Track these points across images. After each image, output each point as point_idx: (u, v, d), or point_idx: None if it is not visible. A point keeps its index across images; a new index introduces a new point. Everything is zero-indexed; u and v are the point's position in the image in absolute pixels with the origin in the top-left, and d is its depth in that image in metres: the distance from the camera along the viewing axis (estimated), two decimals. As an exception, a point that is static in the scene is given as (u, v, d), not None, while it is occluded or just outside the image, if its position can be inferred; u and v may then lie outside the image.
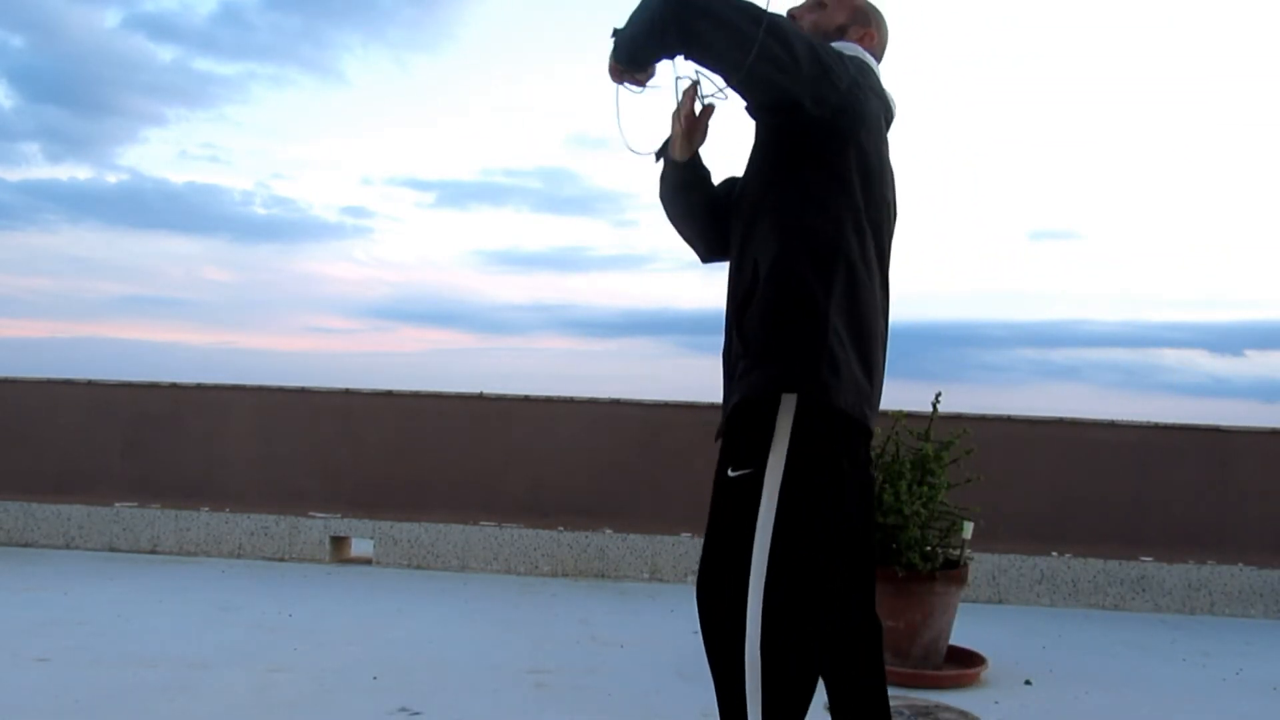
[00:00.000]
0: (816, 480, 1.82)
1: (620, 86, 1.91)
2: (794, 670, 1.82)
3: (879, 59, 2.11)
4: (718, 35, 1.67)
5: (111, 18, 14.55)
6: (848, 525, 1.91)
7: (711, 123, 2.02)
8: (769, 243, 1.85)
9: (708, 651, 1.92)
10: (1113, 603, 5.24)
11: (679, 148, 2.01)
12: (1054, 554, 5.28)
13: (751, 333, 1.84)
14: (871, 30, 2.08)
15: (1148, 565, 5.25)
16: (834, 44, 1.97)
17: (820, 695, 2.03)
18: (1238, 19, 10.59)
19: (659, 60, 1.85)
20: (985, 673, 3.70)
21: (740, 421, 1.85)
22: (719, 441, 1.95)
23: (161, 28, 13.79)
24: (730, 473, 1.85)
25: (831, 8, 2.07)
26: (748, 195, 1.95)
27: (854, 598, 1.98)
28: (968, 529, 3.82)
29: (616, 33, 1.83)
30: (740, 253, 1.92)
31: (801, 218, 1.84)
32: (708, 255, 2.19)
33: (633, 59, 1.83)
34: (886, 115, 2.02)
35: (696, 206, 2.12)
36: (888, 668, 3.60)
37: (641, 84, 1.91)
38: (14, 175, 14.03)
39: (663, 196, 2.12)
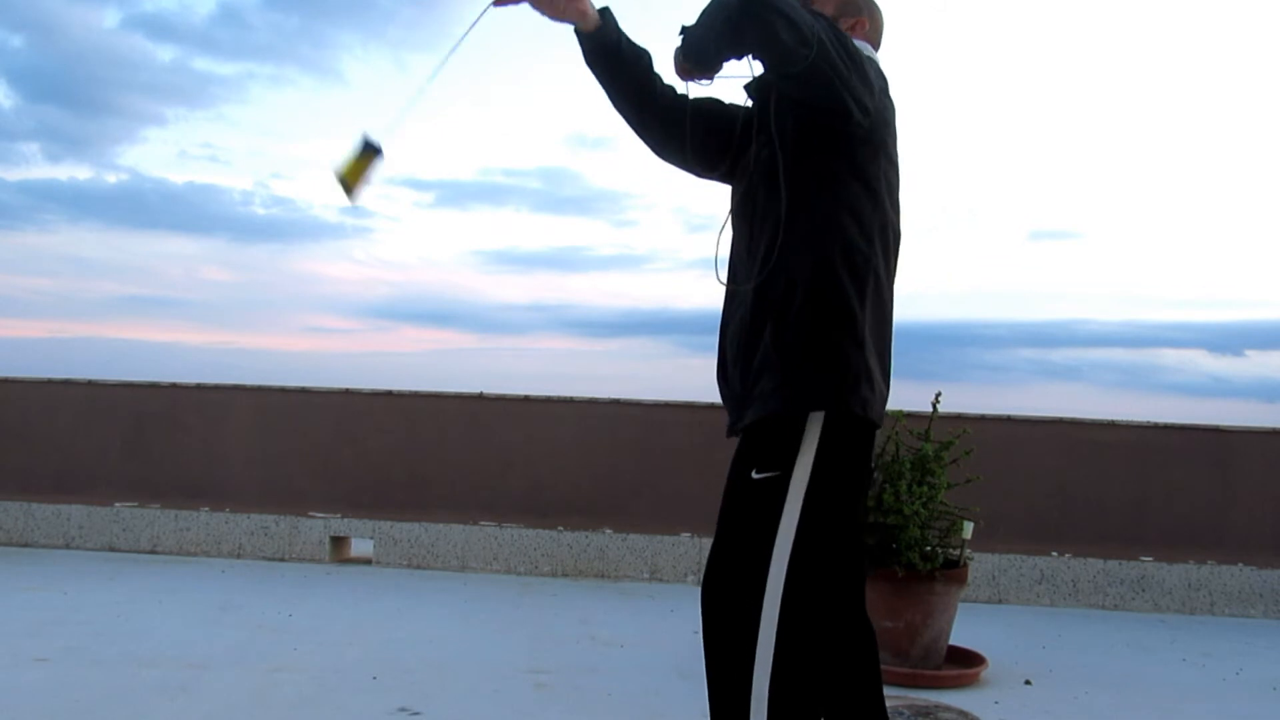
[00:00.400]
0: (841, 486, 1.85)
1: (688, 84, 1.91)
2: (804, 675, 1.82)
3: (877, 46, 2.04)
4: (790, 35, 1.65)
5: (110, 17, 14.56)
6: (857, 528, 1.96)
7: None
8: (803, 254, 1.82)
9: (708, 649, 1.91)
10: (1113, 603, 5.24)
11: (564, 12, 1.87)
12: (1054, 554, 5.28)
13: (790, 344, 1.82)
14: (863, 18, 2.00)
15: (1148, 565, 5.25)
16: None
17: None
18: (1238, 19, 10.59)
19: (729, 59, 1.81)
20: (985, 673, 3.70)
21: (769, 428, 1.84)
22: (730, 437, 1.94)
23: (160, 28, 13.79)
24: (755, 475, 1.84)
25: (821, 1, 1.99)
26: (768, 201, 1.88)
27: (857, 598, 1.99)
28: (968, 529, 3.82)
29: (685, 30, 1.80)
30: (764, 259, 1.87)
31: (839, 230, 1.82)
32: (662, 153, 2.05)
33: (703, 58, 1.80)
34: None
35: (636, 94, 1.96)
36: (888, 668, 3.61)
37: (711, 78, 1.89)
38: (14, 175, 14.04)
39: (597, 79, 1.97)
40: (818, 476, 1.81)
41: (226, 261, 14.81)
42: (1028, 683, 3.69)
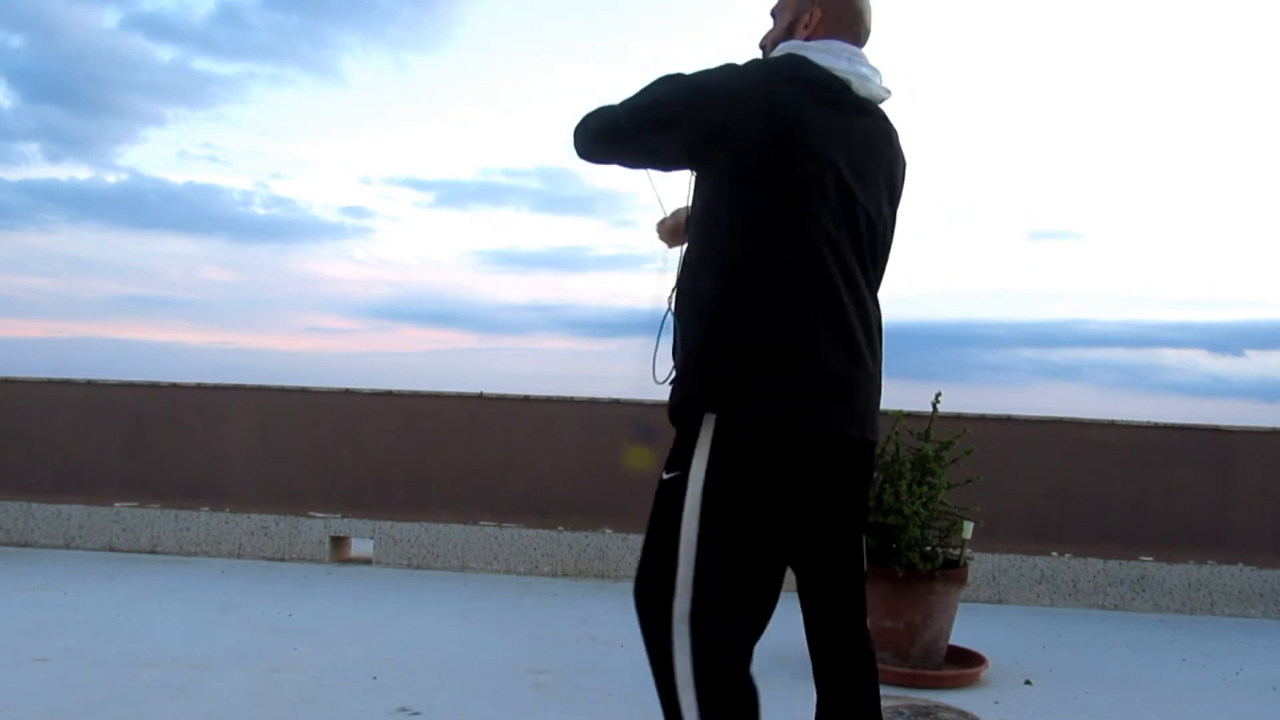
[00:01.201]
0: (737, 490, 1.75)
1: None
2: (729, 698, 1.75)
3: (849, 30, 1.94)
4: (601, 145, 1.96)
5: (110, 17, 14.58)
6: (764, 540, 1.79)
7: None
8: (685, 266, 1.92)
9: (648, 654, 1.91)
10: (1113, 603, 5.24)
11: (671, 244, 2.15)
12: (1054, 554, 5.28)
13: (687, 348, 1.85)
14: (815, 9, 1.95)
15: (1148, 565, 5.25)
16: (781, 45, 1.95)
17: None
18: (1238, 19, 10.59)
19: (632, 161, 2.00)
20: (985, 673, 3.70)
21: (676, 425, 1.86)
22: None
23: (160, 28, 13.81)
24: (664, 475, 1.84)
25: (780, 13, 2.02)
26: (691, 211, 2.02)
27: (857, 627, 1.92)
28: (968, 529, 3.82)
29: None
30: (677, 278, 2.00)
31: (711, 237, 1.85)
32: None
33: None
34: (827, 95, 1.83)
35: None
36: (888, 668, 3.61)
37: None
38: (14, 175, 14.07)
39: None
40: (714, 484, 1.73)
41: (226, 261, 14.84)
42: (1028, 683, 3.69)
